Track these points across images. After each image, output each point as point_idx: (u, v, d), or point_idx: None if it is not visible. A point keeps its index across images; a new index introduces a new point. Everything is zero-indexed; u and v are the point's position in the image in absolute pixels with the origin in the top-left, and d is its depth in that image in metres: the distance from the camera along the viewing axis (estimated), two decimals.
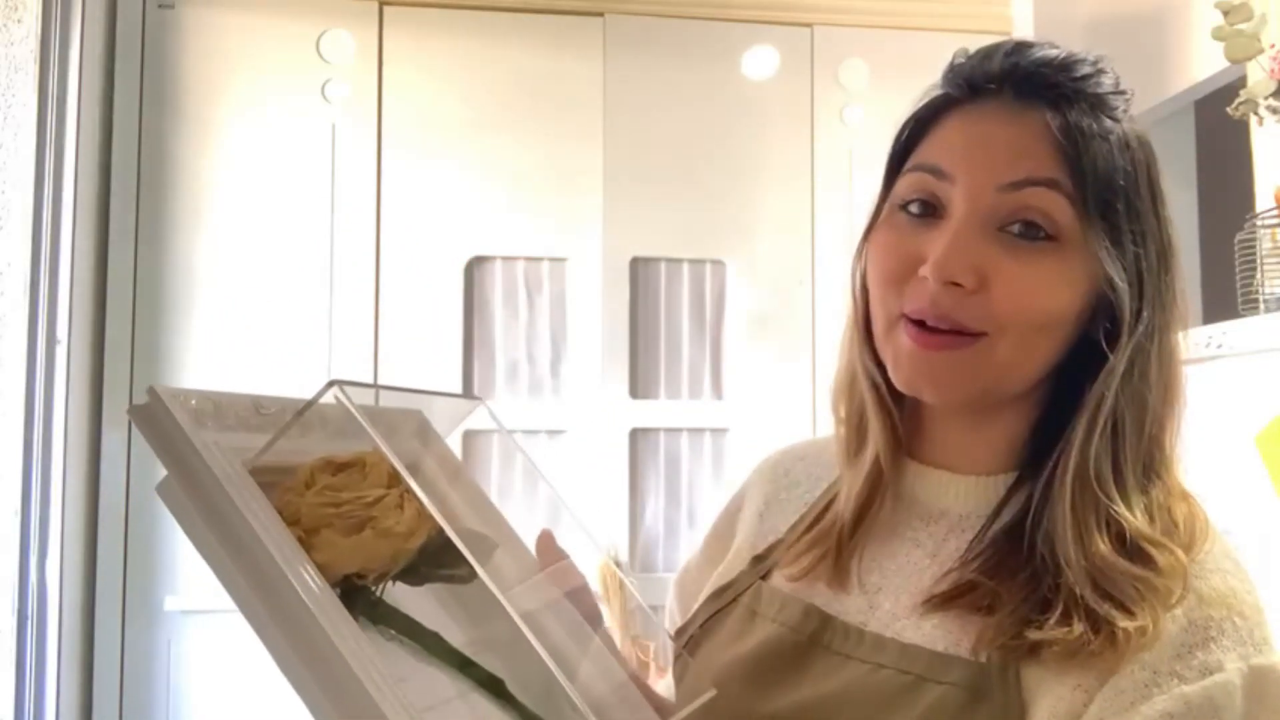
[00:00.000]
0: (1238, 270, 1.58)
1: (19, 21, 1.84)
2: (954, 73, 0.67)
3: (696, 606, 0.78)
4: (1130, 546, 0.60)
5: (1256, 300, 1.53)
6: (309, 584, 0.48)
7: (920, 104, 0.68)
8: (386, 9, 2.15)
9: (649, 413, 2.20)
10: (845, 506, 0.71)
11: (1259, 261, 1.53)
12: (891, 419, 0.70)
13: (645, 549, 2.19)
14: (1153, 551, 0.60)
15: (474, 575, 0.54)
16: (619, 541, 2.14)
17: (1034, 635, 0.59)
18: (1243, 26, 1.58)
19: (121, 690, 1.99)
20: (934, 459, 0.71)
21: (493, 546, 0.58)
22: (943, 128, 0.66)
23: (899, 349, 0.64)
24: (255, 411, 0.57)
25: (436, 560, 0.56)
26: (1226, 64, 1.67)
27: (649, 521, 2.20)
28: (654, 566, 2.19)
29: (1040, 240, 0.62)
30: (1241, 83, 1.65)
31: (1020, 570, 0.62)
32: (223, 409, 0.54)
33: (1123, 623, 0.57)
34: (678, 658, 0.77)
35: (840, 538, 0.70)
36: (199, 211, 2.07)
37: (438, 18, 2.17)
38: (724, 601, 0.75)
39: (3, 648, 1.79)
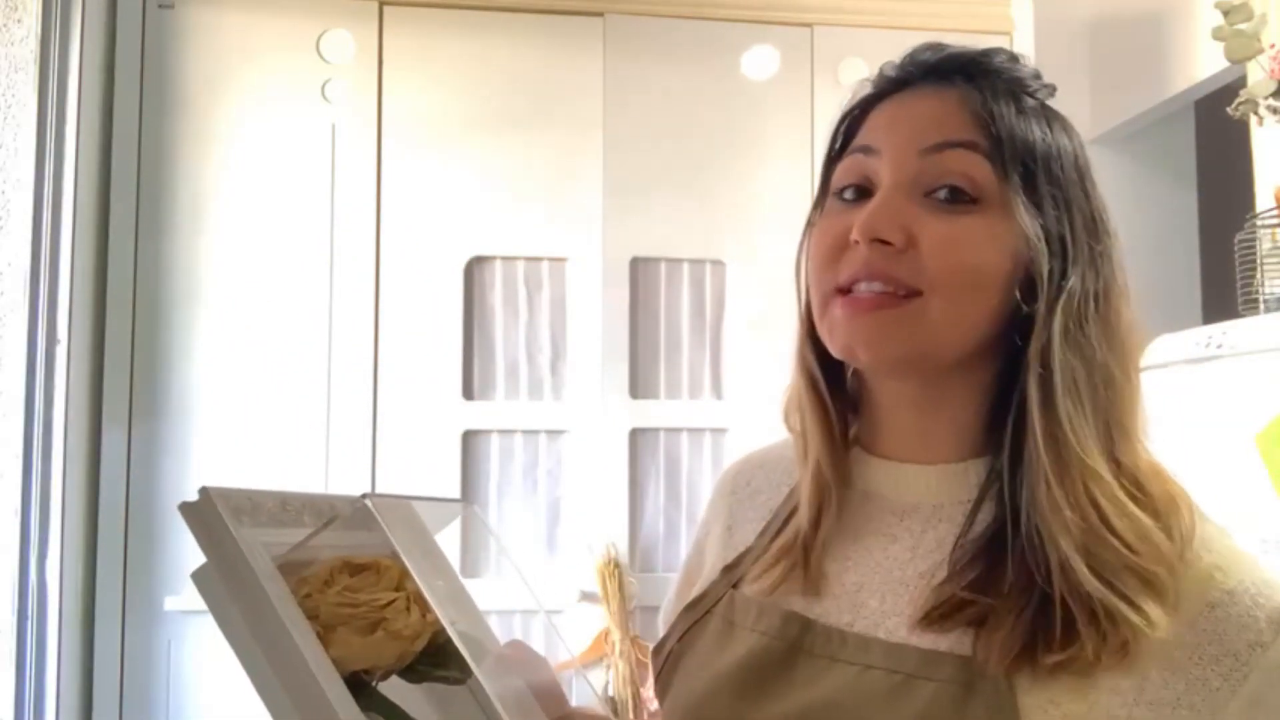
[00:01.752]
0: (1238, 270, 1.58)
1: (19, 21, 1.84)
2: (880, 75, 0.72)
3: (673, 621, 0.77)
4: (1114, 525, 0.60)
5: (1256, 300, 1.53)
6: (330, 679, 0.54)
7: (848, 104, 0.73)
8: (386, 9, 2.15)
9: (649, 413, 2.20)
10: (803, 516, 0.71)
11: (1259, 261, 1.53)
12: (827, 413, 0.70)
13: (645, 549, 2.19)
14: (1135, 539, 0.59)
15: (465, 679, 0.61)
16: (619, 541, 2.14)
17: (1050, 659, 0.58)
18: (1243, 26, 1.58)
19: (121, 690, 1.99)
20: (894, 452, 0.71)
21: (484, 652, 0.64)
22: (870, 117, 0.70)
23: (834, 320, 0.66)
24: (281, 508, 0.63)
25: (433, 660, 0.62)
26: (1226, 64, 1.67)
27: (649, 521, 2.20)
28: (654, 566, 2.19)
29: (965, 203, 0.64)
30: (1241, 83, 1.65)
31: (1007, 573, 0.62)
32: (257, 506, 0.60)
33: (1139, 623, 0.57)
34: (658, 675, 0.76)
35: (806, 546, 0.70)
36: (199, 211, 2.07)
37: (438, 18, 2.17)
38: (699, 614, 0.75)
39: (3, 648, 1.79)
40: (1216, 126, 1.90)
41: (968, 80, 0.67)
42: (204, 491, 0.56)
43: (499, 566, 2.09)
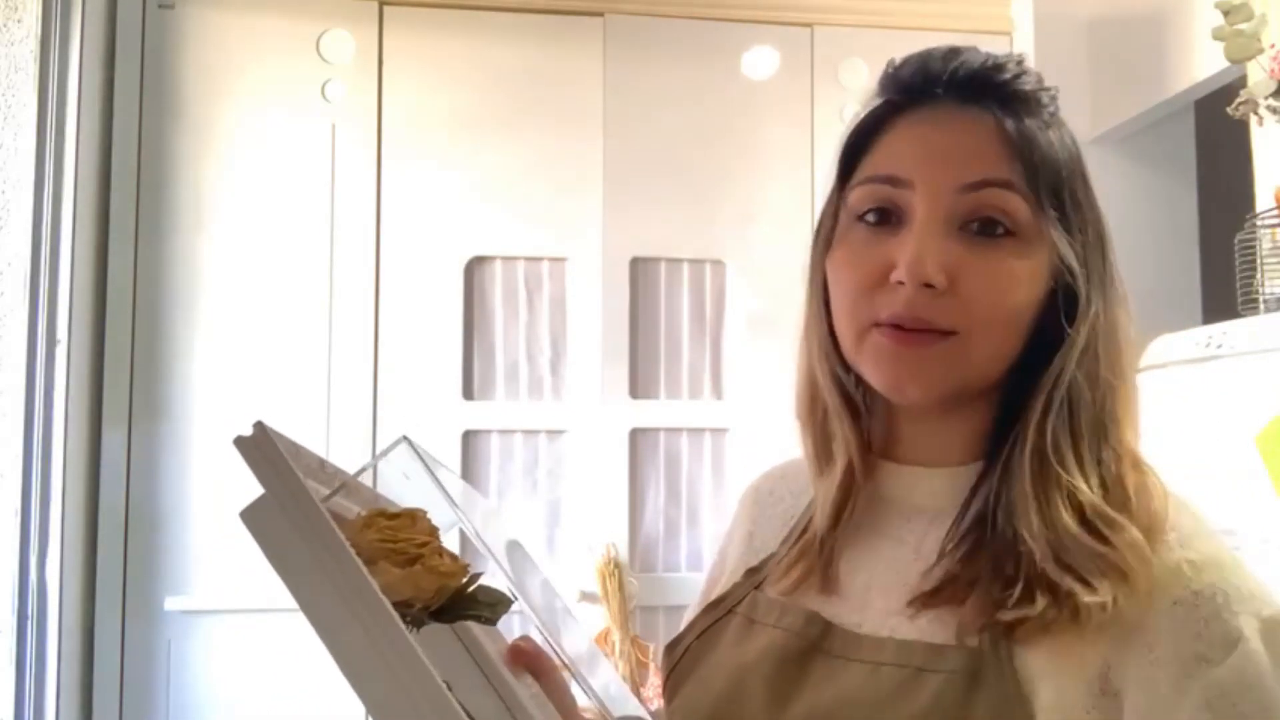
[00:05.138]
0: (1238, 270, 1.58)
1: (19, 21, 1.84)
2: (893, 81, 0.69)
3: (692, 619, 0.78)
4: (1088, 522, 0.62)
5: (1256, 300, 1.53)
6: (389, 605, 0.55)
7: (862, 115, 0.70)
8: (386, 9, 2.15)
9: (649, 413, 2.20)
10: (821, 518, 0.72)
11: (1259, 261, 1.53)
12: (860, 424, 0.72)
13: (645, 549, 2.19)
14: (1108, 531, 0.61)
15: (494, 620, 0.64)
16: (619, 541, 2.14)
17: (1004, 616, 0.61)
18: (1243, 26, 1.58)
19: (121, 690, 1.99)
20: (907, 457, 0.72)
21: (510, 601, 0.66)
22: (890, 136, 0.68)
23: (878, 352, 0.66)
24: (320, 467, 0.64)
25: (465, 604, 0.64)
26: (1226, 64, 1.68)
27: (649, 521, 2.20)
28: (654, 566, 2.19)
29: (999, 235, 0.65)
30: (1241, 83, 1.65)
31: (986, 553, 0.65)
32: (300, 455, 0.61)
33: (1085, 596, 0.59)
34: (671, 670, 0.77)
35: (822, 548, 0.72)
36: (199, 211, 2.07)
37: (438, 18, 2.17)
38: (720, 612, 0.76)
39: (3, 648, 1.79)
40: (1216, 126, 1.90)
41: (997, 101, 0.66)
42: (259, 425, 0.57)
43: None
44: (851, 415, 0.72)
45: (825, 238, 0.72)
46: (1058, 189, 0.65)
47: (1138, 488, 0.64)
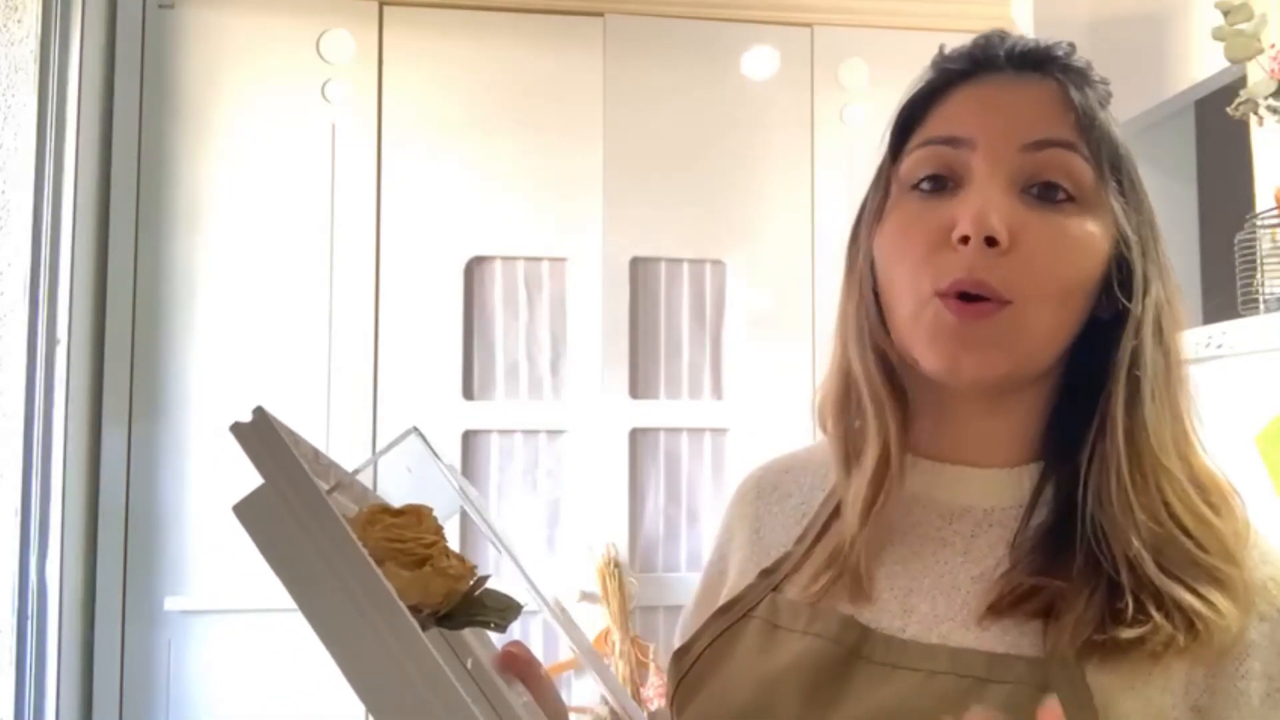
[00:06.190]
0: (1238, 270, 1.58)
1: (19, 21, 1.84)
2: (951, 56, 0.68)
3: (700, 625, 0.73)
4: (1183, 521, 0.60)
5: (1256, 300, 1.53)
6: (399, 601, 0.51)
7: (920, 84, 0.68)
8: (386, 9, 2.15)
9: (649, 413, 2.20)
10: (852, 519, 0.68)
11: (1259, 261, 1.53)
12: (901, 412, 0.67)
13: (645, 549, 2.19)
14: (1203, 532, 0.60)
15: (504, 626, 0.61)
16: (619, 541, 2.14)
17: (1125, 634, 0.57)
18: (1243, 26, 1.58)
19: (121, 690, 1.99)
20: (949, 455, 0.69)
21: (520, 607, 0.63)
22: (949, 102, 0.66)
23: (937, 326, 0.62)
24: (315, 458, 0.60)
25: (473, 609, 0.60)
26: (1226, 64, 1.67)
27: (649, 521, 2.20)
28: (654, 566, 2.19)
29: (1060, 200, 0.62)
30: (1241, 83, 1.65)
31: (1072, 565, 0.61)
32: (298, 444, 0.57)
33: (1207, 613, 0.57)
34: (682, 678, 0.71)
35: (854, 552, 0.67)
36: (199, 211, 2.07)
37: (438, 18, 2.17)
38: (734, 617, 0.71)
39: (3, 648, 1.79)
40: (1216, 126, 1.90)
41: (1058, 70, 0.65)
42: (260, 411, 0.52)
43: (498, 562, 2.09)
44: (896, 398, 0.67)
45: (874, 213, 0.69)
46: (1116, 161, 0.63)
47: (1222, 501, 0.63)
